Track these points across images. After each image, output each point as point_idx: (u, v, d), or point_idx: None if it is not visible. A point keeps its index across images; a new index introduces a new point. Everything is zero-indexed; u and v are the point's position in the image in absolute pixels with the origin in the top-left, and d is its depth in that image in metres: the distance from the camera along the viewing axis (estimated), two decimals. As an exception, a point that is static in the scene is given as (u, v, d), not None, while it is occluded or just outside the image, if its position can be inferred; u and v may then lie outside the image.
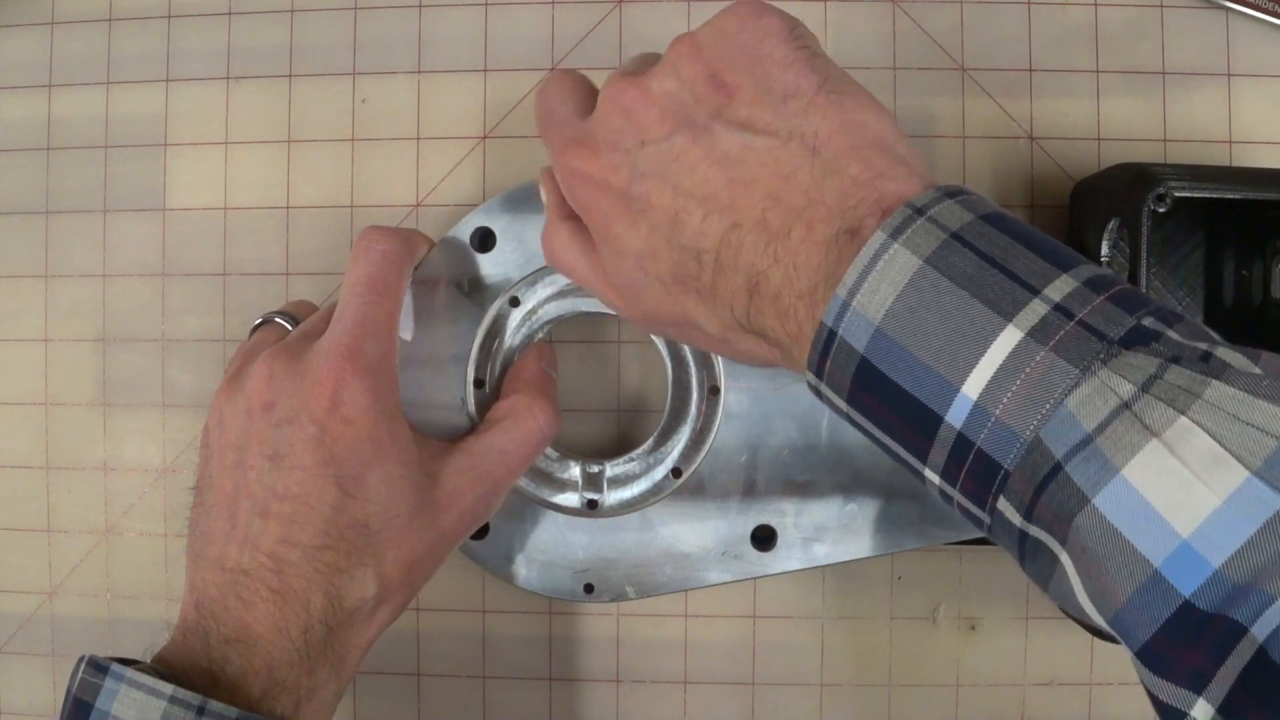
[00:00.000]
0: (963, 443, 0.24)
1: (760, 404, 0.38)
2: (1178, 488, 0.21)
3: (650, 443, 0.38)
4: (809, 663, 0.42)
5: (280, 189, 0.43)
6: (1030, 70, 0.41)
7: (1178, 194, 0.34)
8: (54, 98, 0.43)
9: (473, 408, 0.39)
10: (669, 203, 0.29)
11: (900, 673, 0.42)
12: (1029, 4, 0.41)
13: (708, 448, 0.38)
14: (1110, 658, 0.41)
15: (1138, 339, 0.23)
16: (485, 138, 0.42)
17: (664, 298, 0.30)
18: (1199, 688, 0.21)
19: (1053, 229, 0.41)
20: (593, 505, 0.39)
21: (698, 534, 0.38)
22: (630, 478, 0.39)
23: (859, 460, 0.38)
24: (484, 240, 0.39)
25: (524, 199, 0.39)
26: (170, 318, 0.43)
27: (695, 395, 0.38)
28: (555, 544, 0.39)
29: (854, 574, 0.42)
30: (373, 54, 0.42)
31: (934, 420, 0.25)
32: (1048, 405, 0.23)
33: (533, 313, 0.38)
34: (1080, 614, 0.24)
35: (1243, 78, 0.41)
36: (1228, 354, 0.23)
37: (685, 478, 0.38)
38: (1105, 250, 0.37)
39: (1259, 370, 0.22)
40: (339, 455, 0.32)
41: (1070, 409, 0.23)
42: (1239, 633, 0.21)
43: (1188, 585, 0.21)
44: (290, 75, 0.43)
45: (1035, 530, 0.24)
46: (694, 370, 0.38)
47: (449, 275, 0.39)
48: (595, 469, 0.38)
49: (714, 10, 0.41)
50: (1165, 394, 0.22)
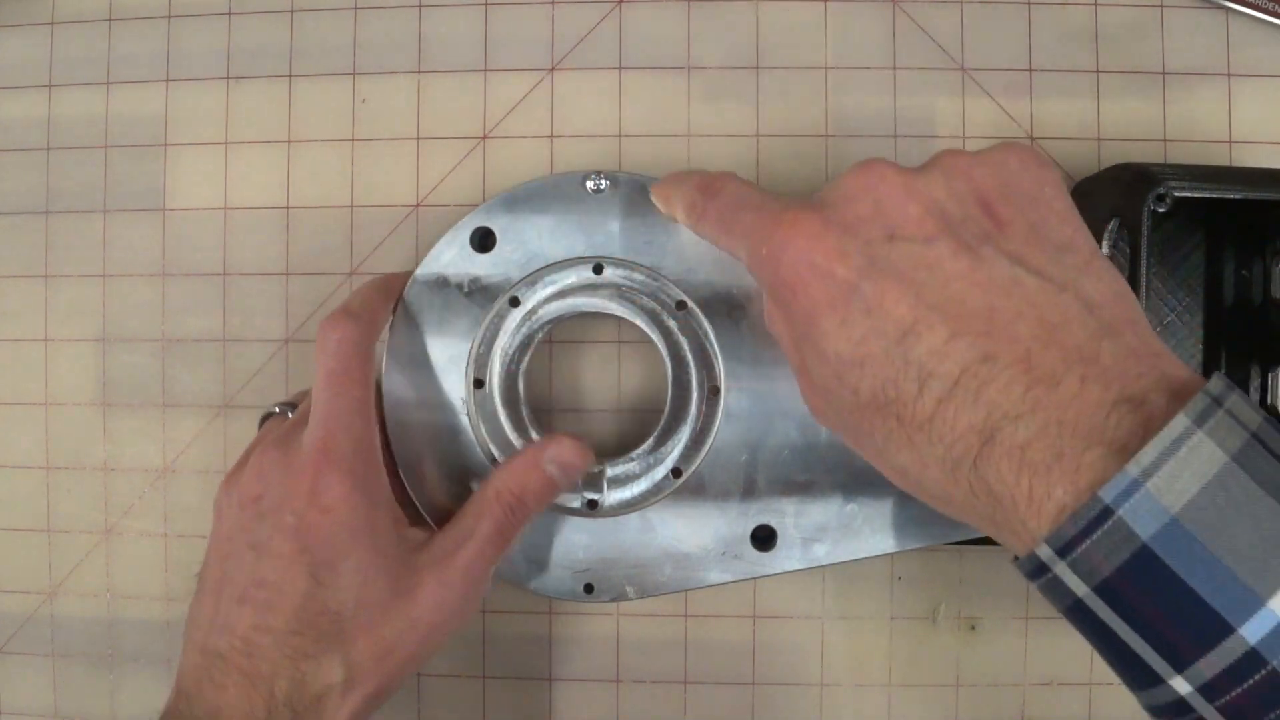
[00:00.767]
0: (1253, 659, 0.22)
1: (760, 404, 0.38)
2: None
3: (650, 443, 0.38)
4: (809, 663, 0.42)
5: (280, 189, 0.43)
6: (1030, 70, 0.41)
7: (1178, 194, 0.34)
8: (54, 98, 0.43)
9: (473, 408, 0.39)
10: (906, 310, 0.26)
11: (900, 673, 0.42)
12: (1029, 4, 0.41)
13: (708, 448, 0.38)
14: (1110, 658, 0.41)
15: None
16: (485, 138, 0.42)
17: (848, 414, 0.28)
18: None
19: (1053, 229, 0.41)
20: (593, 505, 0.39)
21: (698, 534, 0.38)
22: (630, 478, 0.39)
23: (859, 460, 0.38)
24: (484, 240, 0.39)
25: (524, 199, 0.39)
26: (170, 318, 0.43)
27: (695, 395, 0.38)
28: (555, 544, 0.39)
29: (854, 574, 0.42)
30: (373, 54, 0.42)
31: (1223, 629, 0.22)
32: None
33: (533, 313, 0.38)
34: None
35: (1243, 78, 0.41)
36: None
37: (685, 478, 0.38)
38: (1105, 250, 0.37)
39: None
40: (313, 544, 0.33)
41: None
42: None
43: None
44: (290, 75, 0.43)
45: None
46: (694, 370, 0.38)
47: (449, 275, 0.39)
48: (595, 469, 0.38)
49: (714, 12, 0.42)
50: None
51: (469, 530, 0.35)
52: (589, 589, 0.39)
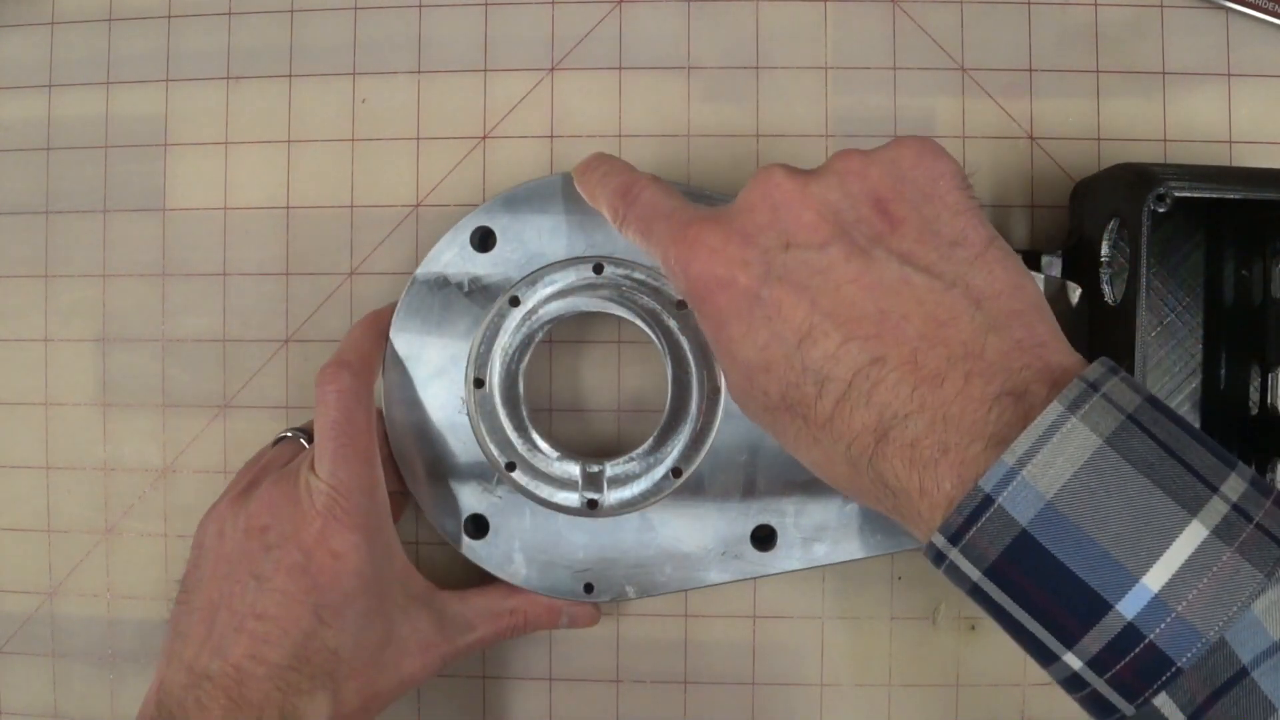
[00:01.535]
0: (1131, 633, 0.23)
1: (760, 404, 0.38)
2: None
3: (650, 443, 0.38)
4: (809, 663, 0.42)
5: (280, 189, 0.43)
6: (1030, 70, 0.41)
7: (1178, 194, 0.34)
8: (54, 98, 0.43)
9: (473, 407, 0.39)
10: (802, 317, 0.27)
11: (900, 673, 0.42)
12: (1029, 4, 0.41)
13: (708, 448, 0.38)
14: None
15: None
16: (485, 138, 0.42)
17: (762, 413, 0.29)
18: None
19: (1053, 229, 0.41)
20: (593, 505, 0.39)
21: (698, 534, 0.38)
22: (630, 478, 0.39)
23: (859, 460, 0.38)
24: (484, 240, 0.39)
25: (524, 199, 0.39)
26: (170, 318, 0.43)
27: (695, 395, 0.38)
28: (555, 544, 0.39)
29: (854, 574, 0.42)
30: (373, 54, 0.42)
31: (1101, 607, 0.23)
32: (1234, 608, 0.22)
33: (533, 312, 0.38)
34: None
35: (1243, 78, 0.41)
36: None
37: (685, 478, 0.38)
38: (1105, 250, 0.37)
39: None
40: (321, 584, 0.33)
41: (1257, 614, 0.22)
42: None
43: None
44: (290, 75, 0.43)
45: None
46: (694, 370, 0.38)
47: (449, 275, 0.39)
48: (595, 469, 0.38)
49: (714, 12, 0.42)
50: None
51: (471, 625, 0.38)
52: (589, 589, 0.39)
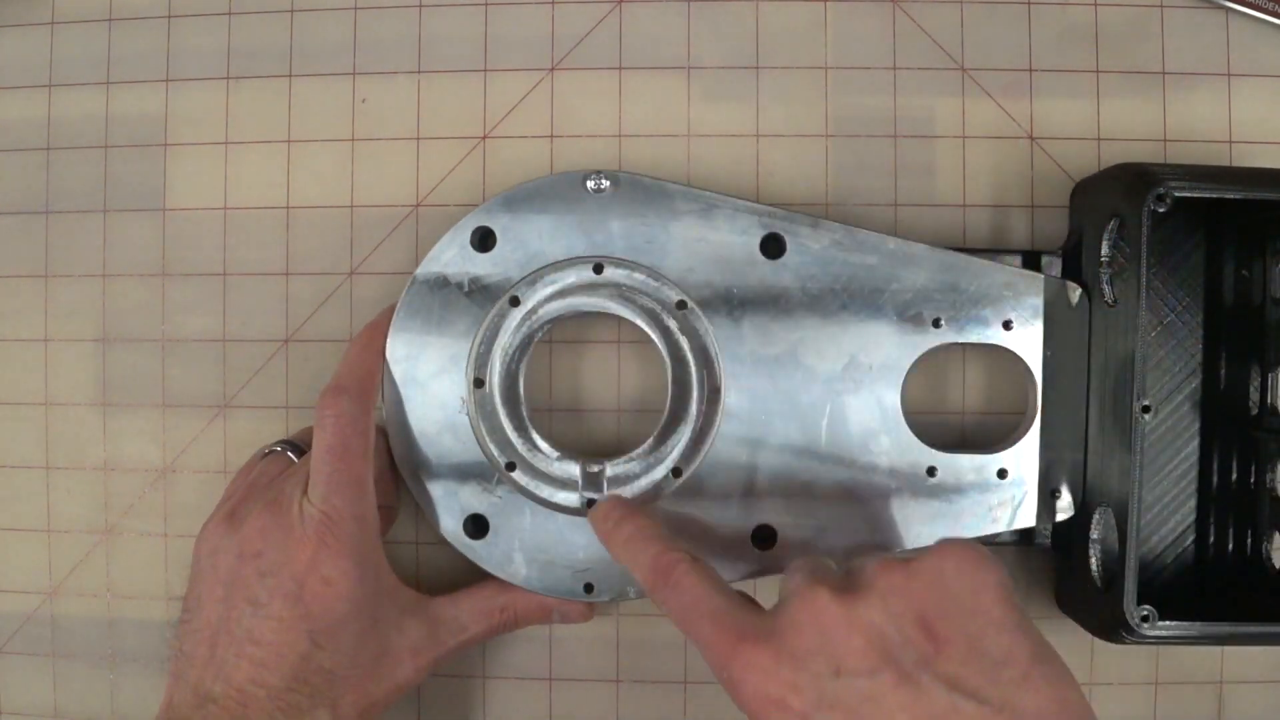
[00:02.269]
0: None
1: (760, 404, 0.38)
2: None
3: (650, 443, 0.38)
4: (809, 663, 0.42)
5: (280, 189, 0.43)
6: (1030, 70, 0.41)
7: (1178, 194, 0.34)
8: (54, 98, 0.43)
9: (473, 408, 0.39)
10: None
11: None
12: (1029, 4, 0.41)
13: (708, 448, 0.38)
14: (1110, 658, 0.41)
15: None
16: (485, 138, 0.42)
17: None
18: None
19: (1053, 229, 0.41)
20: (593, 505, 0.38)
21: (698, 534, 0.38)
22: (630, 478, 0.39)
23: (859, 460, 0.38)
24: (484, 240, 0.39)
25: (524, 199, 0.39)
26: (170, 318, 0.43)
27: (695, 395, 0.38)
28: (555, 544, 0.39)
29: (854, 574, 0.42)
30: (373, 54, 0.42)
31: None
32: None
33: (533, 312, 0.38)
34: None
35: (1243, 78, 0.41)
36: None
37: (685, 478, 0.38)
38: (1105, 250, 0.37)
39: None
40: (315, 611, 0.34)
41: None
42: None
43: None
44: (290, 75, 0.43)
45: None
46: (694, 370, 0.38)
47: (449, 275, 0.39)
48: (595, 469, 0.38)
49: (714, 12, 0.42)
50: None
51: (464, 626, 0.38)
52: (589, 589, 0.39)
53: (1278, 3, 0.41)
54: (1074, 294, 0.38)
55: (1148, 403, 0.35)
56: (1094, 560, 0.37)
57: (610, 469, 0.38)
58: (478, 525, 0.39)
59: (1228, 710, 0.41)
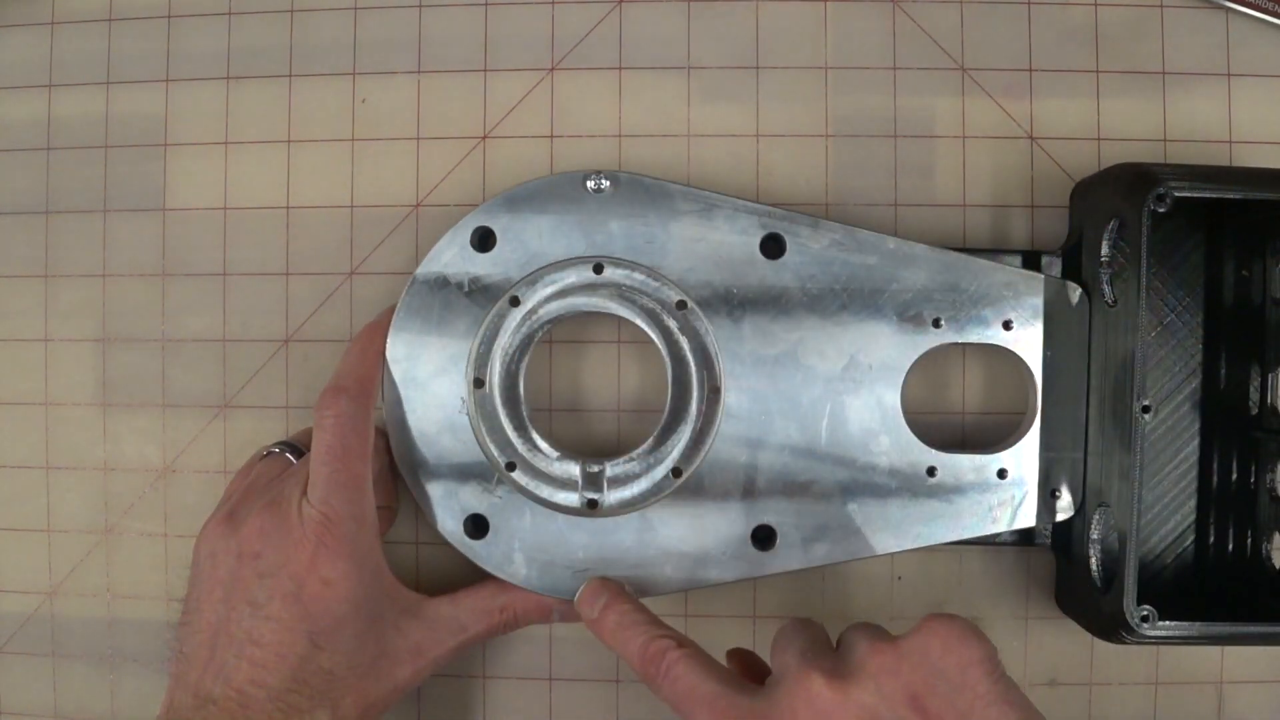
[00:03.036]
0: None
1: (760, 404, 0.38)
2: None
3: (650, 443, 0.38)
4: (809, 663, 0.42)
5: (280, 189, 0.43)
6: (1030, 70, 0.41)
7: (1178, 194, 0.34)
8: (54, 98, 0.43)
9: (473, 408, 0.39)
10: None
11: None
12: (1029, 4, 0.41)
13: (708, 448, 0.38)
14: (1110, 658, 0.41)
15: None
16: (485, 138, 0.42)
17: None
18: None
19: (1053, 229, 0.41)
20: (593, 505, 0.39)
21: (698, 534, 0.38)
22: (630, 478, 0.39)
23: (859, 460, 0.38)
24: (484, 240, 0.39)
25: (524, 199, 0.39)
26: (170, 318, 0.43)
27: (695, 395, 0.38)
28: (555, 544, 0.39)
29: (854, 574, 0.42)
30: (373, 54, 0.42)
31: None
32: None
33: (533, 312, 0.38)
34: None
35: (1243, 78, 0.41)
36: None
37: (685, 478, 0.38)
38: (1105, 250, 0.37)
39: None
40: (314, 612, 0.34)
41: None
42: None
43: None
44: (290, 75, 0.43)
45: None
46: (694, 370, 0.38)
47: (449, 275, 0.39)
48: (595, 469, 0.38)
49: (714, 12, 0.42)
50: None
51: (463, 626, 0.38)
52: (589, 589, 0.39)
53: (1278, 3, 0.41)
54: (1074, 294, 0.38)
55: (1148, 403, 0.35)
56: (1094, 560, 0.37)
57: (610, 469, 0.38)
58: (478, 525, 0.39)
59: (1228, 710, 0.41)
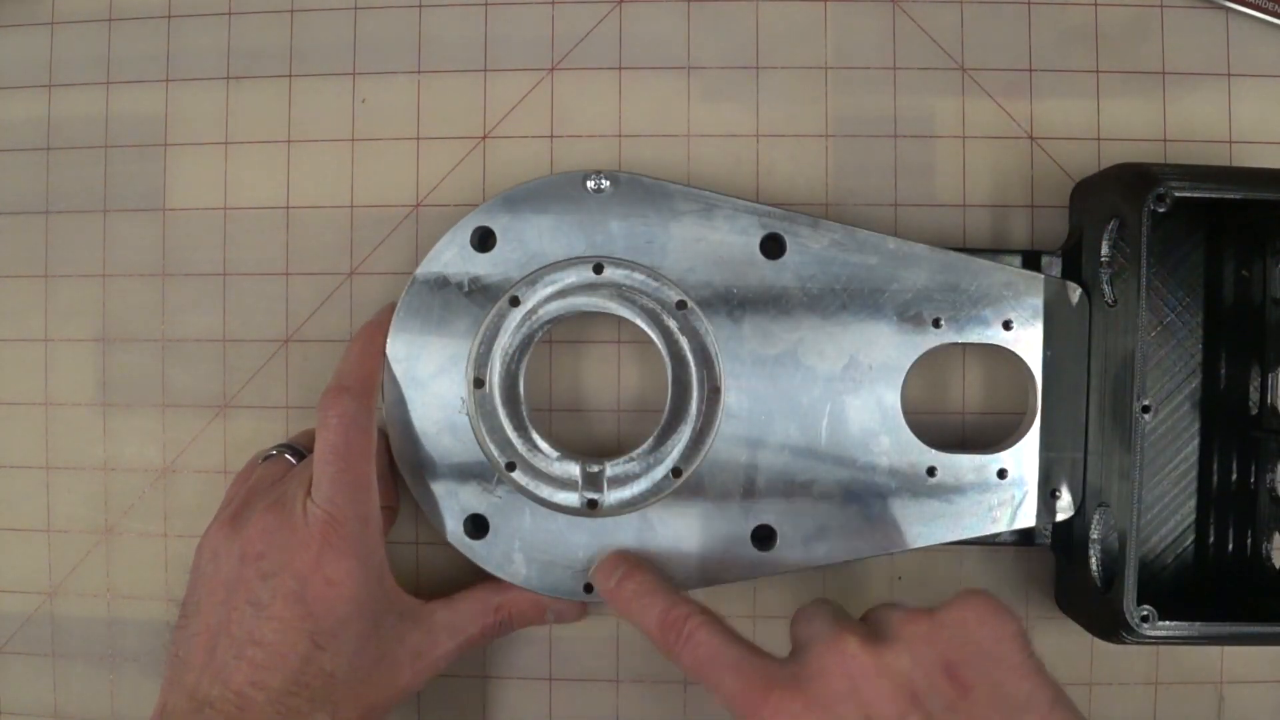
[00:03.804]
0: None
1: (760, 404, 0.38)
2: None
3: (650, 443, 0.38)
4: (809, 663, 0.42)
5: (280, 189, 0.43)
6: (1030, 70, 0.41)
7: (1178, 194, 0.34)
8: (54, 98, 0.43)
9: (473, 407, 0.39)
10: None
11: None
12: (1029, 4, 0.41)
13: (708, 448, 0.38)
14: (1110, 658, 0.41)
15: None
16: (485, 138, 0.42)
17: None
18: None
19: (1053, 229, 0.41)
20: (593, 505, 0.39)
21: (698, 534, 0.38)
22: (630, 478, 0.39)
23: (859, 460, 0.38)
24: (484, 240, 0.39)
25: (524, 199, 0.39)
26: (170, 318, 0.43)
27: (695, 395, 0.38)
28: (555, 544, 0.39)
29: (854, 574, 0.42)
30: (373, 54, 0.42)
31: None
32: None
33: (533, 312, 0.38)
34: None
35: (1243, 78, 0.41)
36: None
37: (685, 478, 0.38)
38: (1105, 250, 0.37)
39: None
40: (317, 612, 0.34)
41: None
42: None
43: None
44: (290, 75, 0.43)
45: None
46: (694, 370, 0.38)
47: (449, 275, 0.39)
48: (595, 469, 0.38)
49: (714, 12, 0.42)
50: None
51: (460, 628, 0.38)
52: (589, 589, 0.39)
53: (1278, 3, 0.41)
54: (1074, 294, 0.38)
55: (1148, 403, 0.35)
56: (1094, 560, 0.37)
57: (610, 469, 0.38)
58: (478, 525, 0.39)
59: (1228, 710, 0.41)
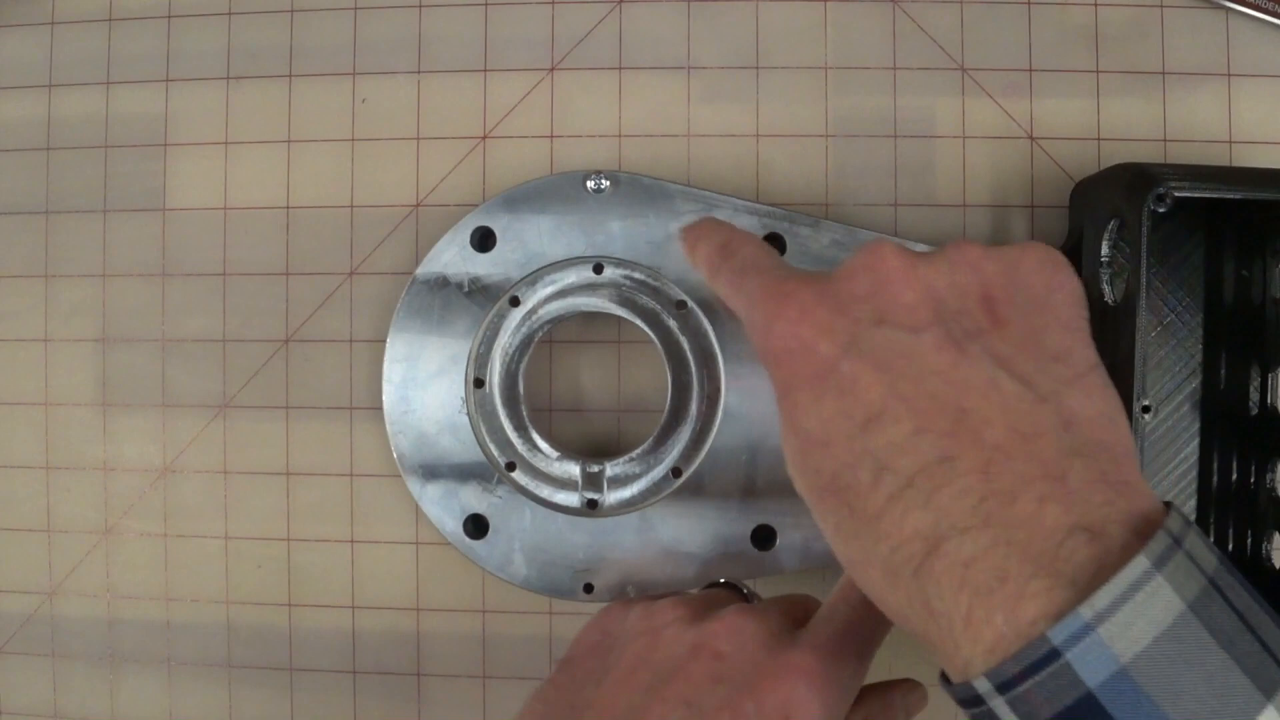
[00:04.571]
0: None
1: (760, 404, 0.38)
2: None
3: (650, 443, 0.38)
4: (809, 663, 0.42)
5: (280, 189, 0.43)
6: (1030, 70, 0.41)
7: (1178, 194, 0.34)
8: (54, 98, 0.43)
9: (473, 407, 0.39)
10: (876, 397, 0.25)
11: (900, 672, 0.41)
12: (1029, 4, 0.41)
13: (708, 448, 0.38)
14: (1110, 658, 0.41)
15: None
16: (485, 138, 0.42)
17: (809, 492, 0.27)
18: None
19: (1053, 229, 0.41)
20: (593, 505, 0.39)
21: (698, 534, 0.38)
22: (630, 478, 0.39)
23: (859, 460, 0.38)
24: (484, 240, 0.39)
25: (524, 199, 0.39)
26: (170, 318, 0.43)
27: (695, 395, 0.38)
28: (555, 544, 0.39)
29: (854, 574, 0.42)
30: (373, 54, 0.42)
31: None
32: None
33: (533, 312, 0.38)
34: None
35: (1243, 78, 0.41)
36: None
37: (685, 478, 0.38)
38: (1105, 250, 0.37)
39: None
40: None
41: None
42: None
43: None
44: (290, 75, 0.43)
45: None
46: (694, 370, 0.38)
47: (449, 275, 0.39)
48: (595, 469, 0.38)
49: (714, 12, 0.42)
50: None
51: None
52: (589, 589, 0.39)
53: (1278, 3, 0.41)
54: (1074, 294, 0.38)
55: (1148, 403, 0.35)
56: (1094, 560, 0.37)
57: (610, 469, 0.38)
58: (478, 525, 0.39)
59: (1228, 710, 0.41)
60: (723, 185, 0.41)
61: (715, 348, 0.38)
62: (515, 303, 0.38)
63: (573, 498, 0.39)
